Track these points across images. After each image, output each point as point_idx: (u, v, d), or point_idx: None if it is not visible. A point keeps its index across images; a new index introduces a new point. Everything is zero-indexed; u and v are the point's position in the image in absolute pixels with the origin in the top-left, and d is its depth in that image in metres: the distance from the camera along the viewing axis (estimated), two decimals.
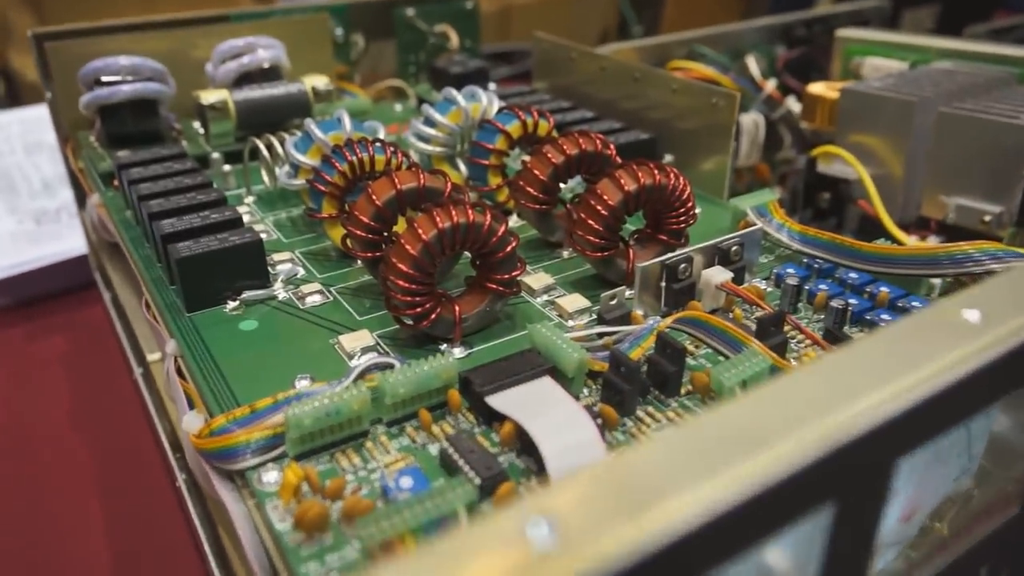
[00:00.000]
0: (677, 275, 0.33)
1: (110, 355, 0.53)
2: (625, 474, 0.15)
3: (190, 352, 0.31)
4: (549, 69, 0.58)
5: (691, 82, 0.46)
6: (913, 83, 0.47)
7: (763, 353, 0.27)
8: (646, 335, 0.29)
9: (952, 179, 0.43)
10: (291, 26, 0.57)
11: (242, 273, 0.34)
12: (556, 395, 0.26)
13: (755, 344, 0.28)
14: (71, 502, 0.41)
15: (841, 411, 0.17)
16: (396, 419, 0.27)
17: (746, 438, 0.16)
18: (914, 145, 0.45)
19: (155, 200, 0.38)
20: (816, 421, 0.16)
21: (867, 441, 0.17)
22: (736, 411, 0.17)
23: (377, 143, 0.37)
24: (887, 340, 0.19)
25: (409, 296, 0.30)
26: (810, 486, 0.16)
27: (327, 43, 0.60)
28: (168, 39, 0.54)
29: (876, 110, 0.46)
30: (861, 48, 0.57)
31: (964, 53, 0.53)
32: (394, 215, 0.33)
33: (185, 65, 0.54)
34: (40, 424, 0.47)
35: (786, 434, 0.16)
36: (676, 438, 0.16)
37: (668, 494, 0.15)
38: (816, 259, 0.36)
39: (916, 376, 0.18)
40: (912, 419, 0.17)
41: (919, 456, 0.20)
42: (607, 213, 0.33)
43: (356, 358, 0.31)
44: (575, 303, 0.33)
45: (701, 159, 0.46)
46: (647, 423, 0.27)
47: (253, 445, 0.25)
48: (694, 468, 0.15)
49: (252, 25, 0.56)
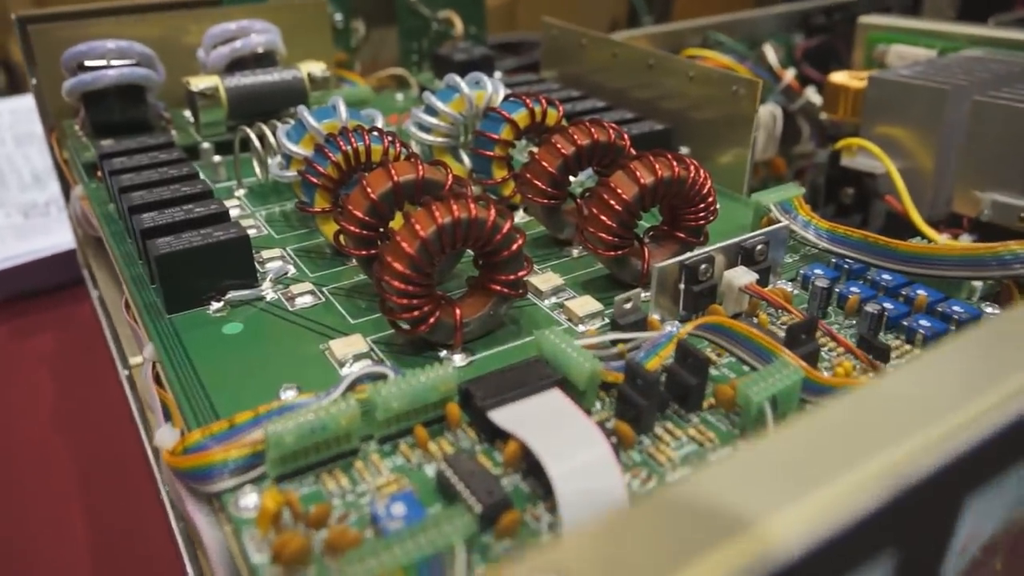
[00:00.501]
0: (697, 276, 0.30)
1: (98, 354, 0.50)
2: (646, 527, 0.13)
3: (168, 358, 0.28)
4: (558, 57, 0.55)
5: (710, 69, 0.44)
6: (944, 71, 0.44)
7: (794, 364, 0.25)
8: (665, 343, 0.26)
9: (987, 173, 0.40)
10: (288, 11, 0.55)
11: (227, 272, 0.32)
12: (566, 410, 0.24)
13: (786, 354, 0.25)
14: (51, 508, 0.39)
15: (906, 443, 0.14)
16: (389, 435, 0.24)
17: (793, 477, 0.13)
18: (946, 136, 0.42)
19: (137, 192, 0.35)
20: (877, 456, 0.14)
21: (937, 479, 0.14)
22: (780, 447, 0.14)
23: (374, 132, 0.35)
24: (956, 355, 0.16)
25: (405, 298, 0.27)
26: (868, 536, 0.14)
27: (326, 29, 0.57)
28: (159, 24, 0.51)
29: (905, 99, 0.43)
30: (885, 35, 0.54)
31: (995, 40, 0.50)
32: (390, 209, 0.30)
33: (177, 51, 0.51)
34: (22, 426, 0.45)
35: (839, 474, 0.14)
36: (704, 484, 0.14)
37: (695, 556, 0.12)
38: (846, 259, 0.33)
39: (994, 397, 0.15)
40: (990, 449, 0.15)
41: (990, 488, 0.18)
42: (621, 208, 0.31)
43: (348, 366, 0.28)
44: (586, 306, 0.31)
45: (719, 151, 0.43)
46: (666, 441, 0.24)
47: (231, 464, 0.23)
48: (725, 523, 0.13)
49: (247, 9, 0.53)
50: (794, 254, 0.36)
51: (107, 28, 0.49)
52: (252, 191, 0.43)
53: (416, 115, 0.41)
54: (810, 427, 0.15)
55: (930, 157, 0.43)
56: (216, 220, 0.33)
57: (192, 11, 0.53)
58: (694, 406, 0.26)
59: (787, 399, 0.25)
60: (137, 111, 0.46)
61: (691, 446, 0.24)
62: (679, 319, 0.31)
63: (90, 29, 0.48)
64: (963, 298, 0.32)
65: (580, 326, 0.31)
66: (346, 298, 0.33)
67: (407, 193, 0.30)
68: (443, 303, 0.29)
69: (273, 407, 0.24)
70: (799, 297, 0.32)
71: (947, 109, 0.42)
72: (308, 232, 0.38)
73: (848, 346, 0.28)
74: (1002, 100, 0.39)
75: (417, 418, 0.25)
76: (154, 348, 0.29)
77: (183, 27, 0.52)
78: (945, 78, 0.43)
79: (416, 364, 0.28)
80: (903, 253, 0.32)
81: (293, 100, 0.48)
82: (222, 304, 0.31)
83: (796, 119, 0.57)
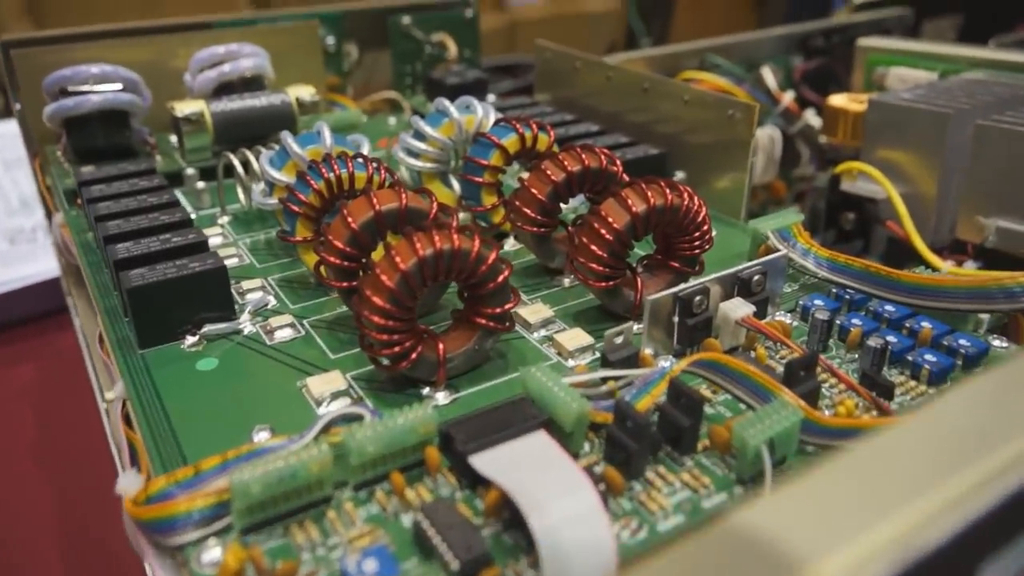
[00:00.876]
0: (692, 309, 0.29)
1: (80, 386, 0.49)
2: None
3: (137, 396, 0.27)
4: (552, 80, 0.54)
5: (705, 93, 0.43)
6: (946, 94, 0.43)
7: (793, 404, 0.23)
8: (656, 381, 0.25)
9: (992, 198, 0.39)
10: (278, 35, 0.54)
11: (203, 304, 0.30)
12: (551, 455, 0.22)
13: (785, 393, 0.24)
14: (28, 546, 0.37)
15: (913, 510, 0.13)
16: (365, 481, 0.23)
17: (786, 553, 0.12)
18: (948, 161, 0.41)
19: (113, 221, 0.34)
20: (878, 527, 0.13)
21: (948, 550, 0.13)
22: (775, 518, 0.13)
23: (358, 159, 0.34)
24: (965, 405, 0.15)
25: (385, 334, 0.26)
26: None
27: (317, 52, 0.56)
28: (146, 47, 0.50)
29: (906, 123, 0.42)
30: (885, 58, 0.54)
31: (998, 63, 0.49)
32: (372, 240, 0.29)
33: (166, 75, 0.50)
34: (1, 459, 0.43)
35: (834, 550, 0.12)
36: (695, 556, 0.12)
37: None
38: (847, 289, 0.32)
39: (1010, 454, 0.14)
40: (1009, 511, 0.13)
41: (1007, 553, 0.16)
42: (612, 238, 0.30)
43: (325, 404, 0.27)
44: (576, 340, 0.30)
45: (716, 176, 0.42)
46: (658, 487, 0.23)
47: (196, 515, 0.21)
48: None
49: (237, 33, 0.52)
50: (793, 283, 0.34)
51: (94, 52, 0.48)
52: (236, 218, 0.41)
53: (404, 140, 0.40)
54: (803, 497, 0.13)
55: (932, 182, 0.42)
56: (193, 250, 0.32)
57: (182, 34, 0.52)
58: (688, 449, 0.24)
59: (785, 441, 0.23)
60: (120, 137, 0.45)
61: (684, 492, 0.23)
62: (673, 353, 0.29)
63: (77, 53, 0.47)
64: (969, 330, 0.30)
65: (570, 360, 0.29)
66: (327, 331, 0.31)
67: (389, 223, 0.29)
68: (426, 337, 0.28)
69: (242, 451, 0.23)
70: (798, 329, 0.31)
71: (950, 133, 0.41)
72: (292, 261, 0.37)
73: (850, 383, 0.27)
74: (1006, 124, 0.38)
75: (394, 463, 0.23)
76: (123, 386, 0.28)
77: (172, 50, 0.51)
78: (947, 101, 0.42)
79: (397, 402, 0.27)
80: (907, 284, 0.30)
81: (281, 125, 0.47)
82: (197, 338, 0.30)
83: (795, 142, 0.56)
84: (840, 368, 0.28)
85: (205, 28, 0.53)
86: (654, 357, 0.29)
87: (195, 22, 0.53)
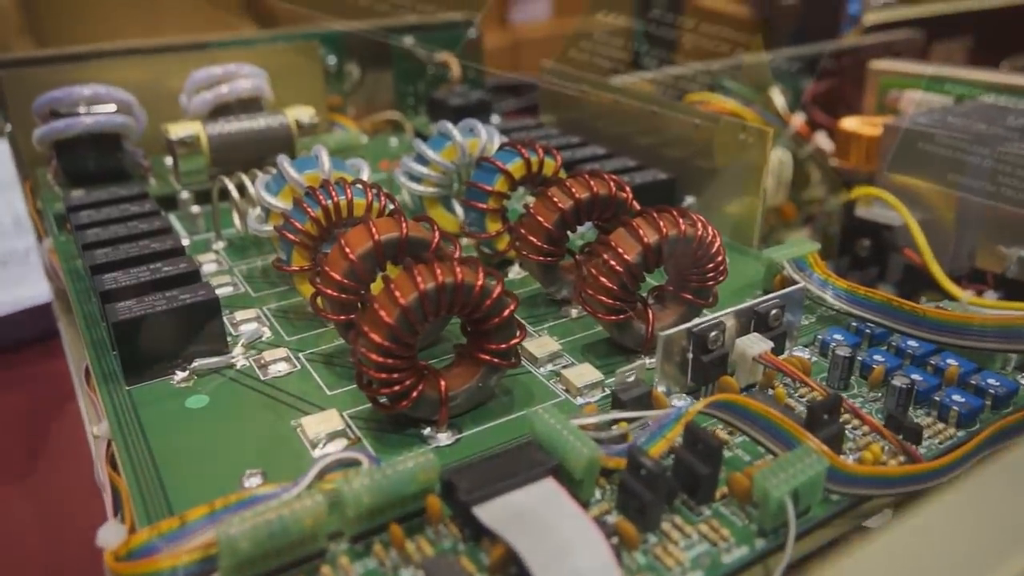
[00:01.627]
0: (707, 345, 0.27)
1: (71, 415, 0.47)
2: None
3: (121, 437, 0.26)
4: (556, 101, 0.53)
5: (716, 115, 0.42)
6: (963, 119, 0.42)
7: (817, 452, 0.22)
8: (671, 424, 0.24)
9: (1013, 227, 0.38)
10: (278, 54, 0.53)
11: (193, 337, 0.29)
12: (560, 505, 0.21)
13: (809, 440, 0.22)
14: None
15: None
16: (362, 532, 0.22)
17: None
18: (967, 188, 0.40)
19: (101, 249, 0.33)
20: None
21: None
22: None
23: (357, 185, 0.32)
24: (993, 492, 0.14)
25: (384, 372, 0.25)
26: None
27: (318, 73, 0.55)
28: (142, 67, 0.49)
29: (924, 148, 0.41)
30: (898, 81, 0.52)
31: (1014, 87, 0.48)
32: (371, 271, 0.28)
33: (162, 95, 0.49)
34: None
35: None
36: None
37: None
38: (867, 323, 0.31)
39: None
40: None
41: None
42: (622, 270, 0.28)
43: (321, 446, 0.25)
44: (585, 376, 0.28)
45: (727, 202, 0.41)
46: (674, 539, 0.22)
47: (180, 572, 0.20)
48: None
49: (234, 52, 0.51)
50: (810, 315, 0.33)
51: (88, 73, 0.47)
52: (231, 244, 0.40)
53: (406, 164, 0.39)
54: None
55: (951, 209, 0.41)
56: (185, 280, 0.31)
57: (179, 54, 0.51)
58: (705, 498, 0.23)
59: (810, 491, 0.22)
60: (112, 160, 0.44)
61: (703, 545, 0.22)
62: (687, 391, 0.28)
63: (69, 74, 0.46)
64: (997, 368, 0.29)
65: (578, 398, 0.28)
66: (324, 365, 0.30)
67: (389, 253, 0.28)
68: (427, 374, 0.26)
69: (231, 501, 0.21)
70: (817, 365, 0.30)
71: (969, 159, 0.39)
72: (288, 290, 0.35)
73: (875, 426, 0.25)
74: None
75: (393, 513, 0.22)
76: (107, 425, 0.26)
77: (168, 71, 0.50)
78: (966, 126, 0.40)
79: (397, 443, 0.26)
80: (931, 321, 0.29)
81: (279, 148, 0.46)
82: (187, 373, 0.29)
83: (805, 165, 0.55)
84: (863, 408, 0.27)
85: (202, 48, 0.52)
86: (667, 396, 0.27)
87: (193, 42, 0.52)
